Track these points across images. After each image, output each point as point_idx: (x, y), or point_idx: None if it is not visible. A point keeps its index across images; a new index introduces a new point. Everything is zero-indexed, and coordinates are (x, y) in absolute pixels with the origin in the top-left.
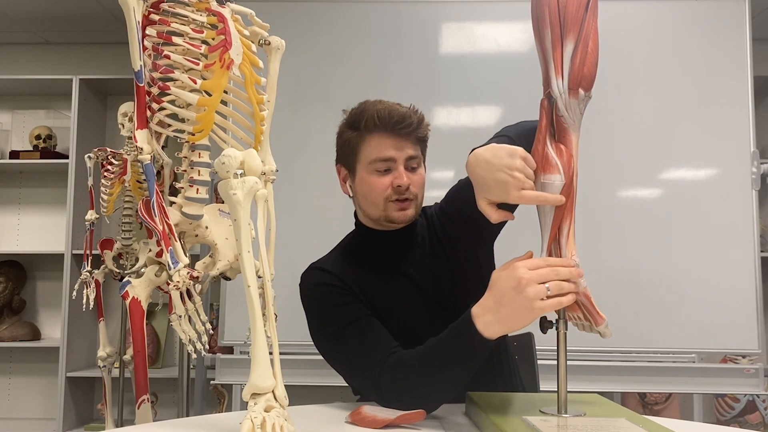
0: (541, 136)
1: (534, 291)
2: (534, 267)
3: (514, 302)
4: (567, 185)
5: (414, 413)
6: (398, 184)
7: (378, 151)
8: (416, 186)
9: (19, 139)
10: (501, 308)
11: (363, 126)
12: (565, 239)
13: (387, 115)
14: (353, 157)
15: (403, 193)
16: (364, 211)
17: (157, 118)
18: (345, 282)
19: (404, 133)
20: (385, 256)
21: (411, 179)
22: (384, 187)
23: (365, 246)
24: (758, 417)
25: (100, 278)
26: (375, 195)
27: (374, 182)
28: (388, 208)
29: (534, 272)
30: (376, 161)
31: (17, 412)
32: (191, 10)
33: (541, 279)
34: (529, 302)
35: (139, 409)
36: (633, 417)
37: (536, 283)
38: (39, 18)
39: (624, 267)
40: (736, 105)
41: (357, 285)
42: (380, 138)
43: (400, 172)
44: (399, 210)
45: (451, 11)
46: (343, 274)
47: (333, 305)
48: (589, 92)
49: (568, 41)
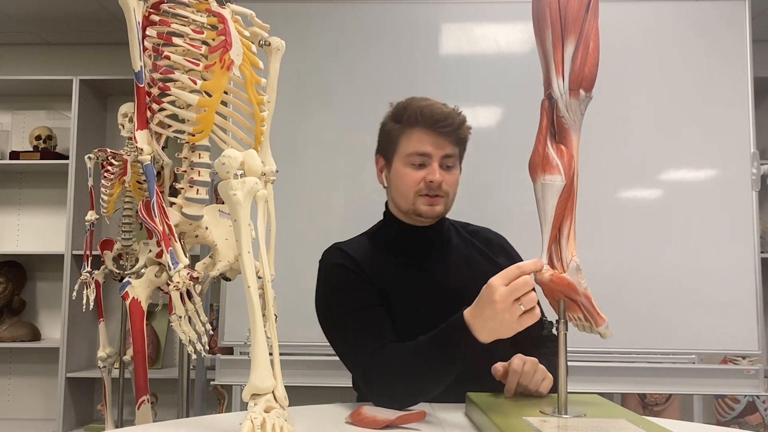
0: (542, 136)
1: (510, 314)
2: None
3: (496, 319)
4: (567, 186)
5: (414, 414)
6: (431, 179)
7: (416, 145)
8: (448, 185)
9: (19, 140)
10: (487, 322)
11: (405, 119)
12: (565, 240)
13: (429, 112)
14: (392, 149)
15: (435, 189)
16: (395, 202)
17: (157, 118)
18: (362, 268)
19: (444, 131)
20: (410, 249)
21: (444, 177)
22: (416, 181)
23: (391, 236)
24: (758, 418)
25: (100, 279)
26: (407, 187)
27: (408, 174)
28: (417, 202)
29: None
30: (413, 155)
31: (17, 413)
32: (191, 11)
33: (515, 296)
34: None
35: (139, 410)
36: (633, 418)
37: (510, 305)
38: (39, 18)
39: (624, 267)
40: (736, 106)
41: (374, 273)
42: (420, 133)
43: (433, 169)
44: (428, 205)
45: (451, 12)
46: (363, 260)
47: (344, 289)
48: (590, 93)
49: (568, 42)
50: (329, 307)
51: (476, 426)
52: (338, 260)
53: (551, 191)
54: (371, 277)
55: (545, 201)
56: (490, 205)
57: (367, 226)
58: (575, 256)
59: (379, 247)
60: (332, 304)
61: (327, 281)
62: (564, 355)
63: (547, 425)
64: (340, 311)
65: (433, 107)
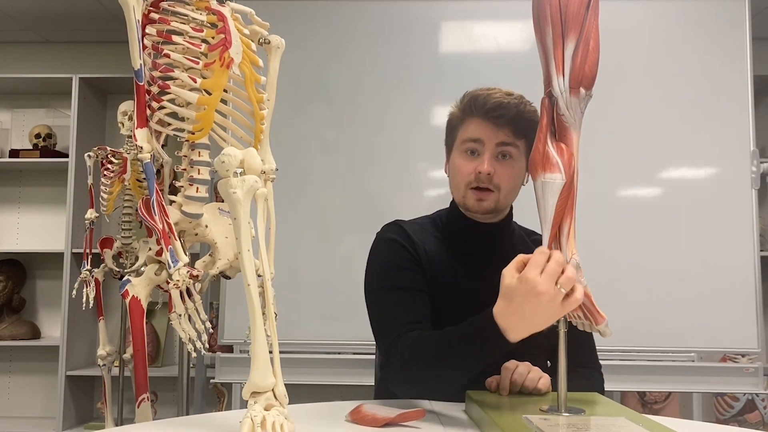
0: (542, 134)
1: (555, 301)
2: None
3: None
4: (567, 184)
5: (414, 412)
6: (479, 170)
7: (470, 132)
8: (501, 177)
9: (19, 138)
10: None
11: (465, 108)
12: (565, 238)
13: (483, 100)
14: (452, 138)
15: (484, 181)
16: (452, 193)
17: (156, 116)
18: (416, 249)
19: (500, 121)
20: (467, 242)
21: (496, 168)
22: (468, 172)
23: (452, 225)
24: (757, 416)
25: (100, 277)
26: (459, 178)
27: (460, 165)
28: (467, 195)
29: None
30: (467, 141)
31: (17, 411)
32: (191, 9)
33: (553, 279)
34: (554, 311)
35: (138, 408)
36: (633, 416)
37: (555, 292)
38: (39, 17)
39: (623, 266)
40: (736, 105)
41: (427, 257)
42: (477, 122)
43: (484, 159)
44: (476, 199)
45: (451, 10)
46: (419, 242)
47: (391, 264)
48: (590, 91)
49: (569, 40)
50: (374, 278)
51: (476, 424)
52: (394, 235)
53: (551, 189)
54: (422, 261)
55: (545, 199)
56: None
57: (367, 224)
58: (575, 254)
59: (438, 233)
60: (377, 276)
61: (378, 253)
62: (564, 354)
63: (546, 423)
64: (383, 284)
65: (490, 96)
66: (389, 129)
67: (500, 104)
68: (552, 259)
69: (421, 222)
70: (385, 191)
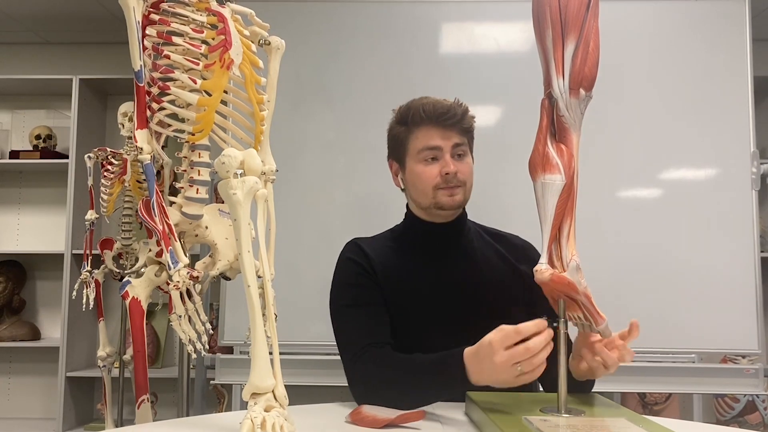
0: (542, 135)
1: (508, 374)
2: (509, 346)
3: (494, 374)
4: (567, 185)
5: (414, 413)
6: (446, 171)
7: (425, 141)
8: (463, 173)
9: (19, 139)
10: (484, 372)
11: (410, 120)
12: (565, 240)
13: (432, 108)
14: (403, 150)
15: (452, 180)
16: (415, 200)
17: (157, 117)
18: (372, 266)
19: (449, 124)
20: (429, 247)
21: (458, 167)
22: (433, 176)
23: (412, 235)
24: (758, 417)
25: (100, 278)
26: (424, 184)
27: (423, 171)
28: (438, 195)
29: (507, 354)
30: (424, 150)
31: (17, 412)
32: (191, 10)
33: (515, 360)
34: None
35: (138, 409)
36: (633, 417)
37: (509, 367)
38: (39, 18)
39: (623, 267)
40: (736, 105)
41: (385, 273)
42: (427, 129)
43: (446, 161)
44: (448, 196)
45: (451, 11)
46: (376, 258)
47: (350, 283)
48: (590, 92)
49: (569, 41)
50: (333, 297)
51: (476, 425)
52: (351, 254)
53: (551, 190)
54: (378, 275)
55: (545, 200)
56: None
57: (367, 225)
58: (575, 255)
59: (399, 246)
60: (336, 295)
61: (337, 272)
62: (564, 355)
63: (546, 424)
64: (341, 303)
65: (434, 103)
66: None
67: (446, 108)
68: (521, 347)
69: (379, 237)
70: (385, 191)
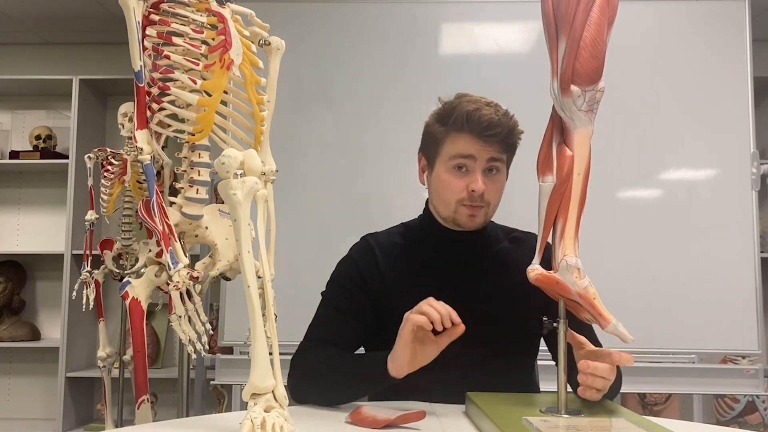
0: (546, 138)
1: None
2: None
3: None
4: (558, 185)
5: (414, 413)
6: (473, 189)
7: (460, 148)
8: (491, 193)
9: (19, 140)
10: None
11: (451, 123)
12: (558, 239)
13: (477, 119)
14: (435, 151)
15: (476, 199)
16: (435, 206)
17: (157, 118)
18: (362, 274)
19: (493, 139)
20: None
21: (487, 186)
22: (459, 189)
23: (426, 235)
24: (758, 417)
25: (100, 278)
26: (448, 195)
27: (450, 182)
28: (459, 210)
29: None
30: (456, 156)
31: (17, 413)
32: (191, 11)
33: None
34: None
35: (138, 410)
36: (633, 417)
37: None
38: (39, 18)
39: (623, 267)
40: (736, 105)
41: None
42: (466, 138)
43: (476, 177)
44: (468, 216)
45: (451, 11)
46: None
47: (339, 282)
48: (586, 86)
49: (561, 40)
50: (327, 285)
51: (476, 425)
52: (355, 253)
53: (543, 192)
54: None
55: (539, 201)
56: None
57: (367, 225)
58: (567, 255)
59: (409, 245)
60: (329, 286)
61: (338, 265)
62: (564, 355)
63: (547, 425)
64: (325, 293)
65: (481, 112)
66: (389, 130)
67: (493, 122)
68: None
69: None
70: (385, 192)
